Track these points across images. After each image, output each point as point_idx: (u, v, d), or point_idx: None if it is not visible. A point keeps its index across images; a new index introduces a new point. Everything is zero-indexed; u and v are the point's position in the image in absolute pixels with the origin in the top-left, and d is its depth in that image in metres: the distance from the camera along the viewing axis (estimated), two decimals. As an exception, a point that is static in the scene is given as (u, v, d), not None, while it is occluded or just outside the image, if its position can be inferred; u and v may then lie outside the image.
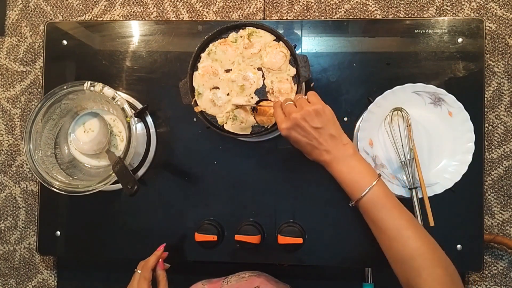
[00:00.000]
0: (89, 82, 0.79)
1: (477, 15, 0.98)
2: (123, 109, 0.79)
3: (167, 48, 0.91)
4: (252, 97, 0.79)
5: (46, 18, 1.08)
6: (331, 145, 0.65)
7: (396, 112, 0.83)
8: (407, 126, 0.82)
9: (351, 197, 0.65)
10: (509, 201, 0.96)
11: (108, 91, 0.79)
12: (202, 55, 0.80)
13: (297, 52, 0.85)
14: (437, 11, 0.99)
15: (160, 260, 0.78)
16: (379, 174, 0.65)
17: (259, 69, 0.79)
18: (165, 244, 0.80)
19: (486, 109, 0.96)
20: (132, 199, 0.89)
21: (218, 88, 0.79)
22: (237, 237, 0.84)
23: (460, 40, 0.86)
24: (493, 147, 0.97)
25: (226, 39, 0.80)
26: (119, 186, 0.88)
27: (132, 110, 0.81)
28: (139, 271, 0.76)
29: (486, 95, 0.96)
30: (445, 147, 0.83)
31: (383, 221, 0.61)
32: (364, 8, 1.01)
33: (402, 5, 1.00)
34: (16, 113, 1.07)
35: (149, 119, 0.90)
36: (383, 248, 0.63)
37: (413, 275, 0.58)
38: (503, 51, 0.97)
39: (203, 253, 0.87)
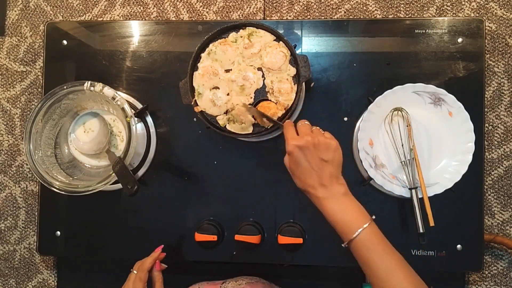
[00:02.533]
0: (89, 82, 0.79)
1: (477, 15, 0.98)
2: (123, 109, 0.79)
3: (167, 48, 0.91)
4: (252, 97, 0.79)
5: (46, 18, 1.08)
6: (328, 181, 0.65)
7: (396, 112, 0.83)
8: (407, 126, 0.82)
9: (343, 237, 0.64)
10: (509, 201, 0.96)
11: (108, 91, 0.79)
12: (202, 55, 0.80)
13: (297, 52, 0.85)
14: (437, 11, 0.99)
15: (156, 261, 0.77)
16: (372, 216, 0.65)
17: (259, 69, 0.79)
18: (162, 245, 0.80)
19: (486, 109, 0.96)
20: (132, 199, 0.89)
21: (218, 88, 0.79)
22: (237, 237, 0.84)
23: (460, 40, 0.86)
24: (493, 147, 0.97)
25: (226, 39, 0.80)
26: (119, 186, 0.88)
27: (132, 110, 0.81)
28: (135, 272, 0.75)
29: (486, 95, 0.96)
30: (445, 147, 0.83)
31: (374, 262, 0.61)
32: (364, 8, 1.01)
33: (402, 5, 1.00)
34: (16, 113, 1.07)
35: (149, 119, 0.90)
36: None
37: None
38: (503, 51, 0.97)
39: (203, 253, 0.87)
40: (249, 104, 0.78)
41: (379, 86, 0.85)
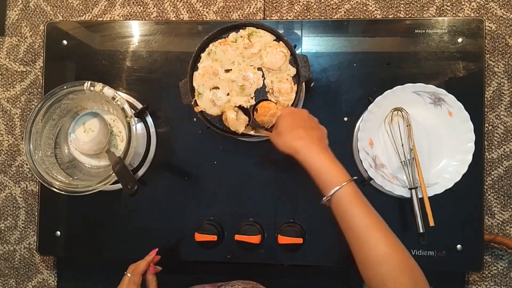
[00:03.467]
0: (89, 82, 0.79)
1: (477, 15, 0.98)
2: (123, 109, 0.79)
3: (167, 48, 0.91)
4: (252, 97, 0.79)
5: (46, 18, 1.08)
6: (315, 137, 0.69)
7: (396, 112, 0.83)
8: (407, 126, 0.82)
9: (324, 191, 0.64)
10: (509, 201, 0.96)
11: (108, 91, 0.79)
12: (202, 55, 0.80)
13: (297, 52, 0.85)
14: (437, 11, 0.99)
15: (151, 264, 0.77)
16: (354, 177, 0.65)
17: (259, 69, 0.79)
18: (157, 249, 0.80)
19: (486, 109, 0.96)
20: (132, 199, 0.89)
21: (218, 88, 0.79)
22: (237, 237, 0.84)
23: (460, 40, 0.86)
24: (493, 147, 0.97)
25: (226, 39, 0.80)
26: (119, 186, 0.88)
27: (132, 110, 0.81)
28: (128, 275, 0.75)
29: (486, 95, 0.96)
30: (445, 147, 0.83)
31: (354, 219, 0.61)
32: (364, 8, 1.01)
33: (402, 5, 1.00)
34: (16, 113, 1.07)
35: (149, 119, 0.90)
36: (352, 250, 0.62)
37: (378, 282, 0.58)
38: (503, 51, 0.97)
39: (203, 253, 0.87)
40: (251, 106, 0.78)
41: (379, 86, 0.85)
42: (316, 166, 0.65)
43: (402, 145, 0.81)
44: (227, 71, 0.79)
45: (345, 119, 0.87)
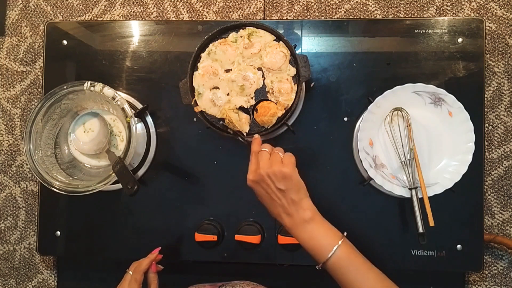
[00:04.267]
0: (89, 82, 0.79)
1: (477, 15, 0.98)
2: (123, 109, 0.79)
3: (167, 48, 0.91)
4: (252, 97, 0.79)
5: (46, 18, 1.08)
6: (293, 209, 0.66)
7: (396, 112, 0.83)
8: (407, 126, 0.82)
9: (316, 261, 0.65)
10: (509, 201, 0.96)
11: (108, 91, 0.79)
12: (202, 55, 0.80)
13: (297, 52, 0.85)
14: (437, 11, 0.99)
15: (153, 263, 0.77)
16: (343, 233, 0.65)
17: (259, 69, 0.79)
18: (160, 247, 0.80)
19: (486, 109, 0.96)
20: (132, 199, 0.89)
21: (218, 88, 0.79)
22: (237, 237, 0.84)
23: (460, 40, 0.86)
24: (493, 147, 0.96)
25: (226, 39, 0.80)
26: (119, 186, 0.88)
27: (132, 110, 0.81)
28: (130, 273, 0.75)
29: (486, 95, 0.96)
30: (445, 147, 0.83)
31: (351, 282, 0.62)
32: (364, 8, 1.01)
33: (402, 5, 1.00)
34: (16, 113, 1.07)
35: (149, 119, 0.90)
36: None
37: None
38: (503, 51, 0.97)
39: (203, 253, 0.87)
40: (251, 106, 0.78)
41: (379, 86, 0.85)
42: (305, 240, 0.66)
43: (402, 145, 0.81)
44: (227, 71, 0.79)
45: (345, 119, 0.87)
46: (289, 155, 0.69)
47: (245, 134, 0.78)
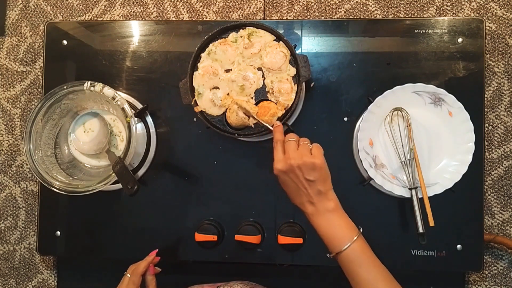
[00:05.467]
0: (89, 82, 0.79)
1: (477, 15, 0.98)
2: (123, 109, 0.79)
3: (167, 48, 0.91)
4: (252, 97, 0.79)
5: (46, 18, 1.08)
6: (316, 199, 0.66)
7: (396, 112, 0.83)
8: (407, 126, 0.82)
9: (330, 250, 0.66)
10: (509, 201, 0.96)
11: (108, 91, 0.79)
12: (202, 55, 0.80)
13: (297, 52, 0.85)
14: (437, 11, 0.99)
15: (150, 265, 0.77)
16: (359, 228, 0.66)
17: (259, 69, 0.79)
18: (157, 250, 0.80)
19: (486, 109, 0.96)
20: (132, 199, 0.89)
21: (218, 88, 0.79)
22: (237, 237, 0.84)
23: (460, 40, 0.86)
24: (493, 147, 0.96)
25: (226, 39, 0.80)
26: (119, 186, 0.88)
27: (132, 110, 0.81)
28: (128, 275, 0.75)
29: (486, 95, 0.96)
30: (445, 147, 0.83)
31: (358, 276, 0.63)
32: (364, 8, 1.01)
33: (402, 5, 1.00)
34: (16, 113, 1.07)
35: (149, 119, 0.90)
36: None
37: None
38: (503, 51, 0.97)
39: (203, 253, 0.87)
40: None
41: (379, 86, 0.85)
42: (324, 228, 0.66)
43: (402, 145, 0.81)
44: (227, 71, 0.79)
45: (345, 119, 0.87)
46: (318, 146, 0.69)
47: (258, 119, 0.76)
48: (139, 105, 0.90)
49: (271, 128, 0.73)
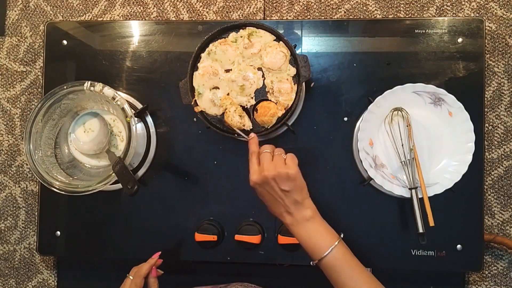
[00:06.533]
0: (89, 82, 0.79)
1: (477, 15, 0.98)
2: (123, 109, 0.79)
3: (167, 48, 0.91)
4: (252, 97, 0.79)
5: (46, 18, 1.08)
6: (294, 208, 0.67)
7: (396, 112, 0.83)
8: (407, 126, 0.82)
9: (311, 258, 0.67)
10: (509, 201, 0.96)
11: (108, 91, 0.79)
12: (202, 55, 0.80)
13: (297, 52, 0.85)
14: (437, 11, 0.99)
15: (153, 267, 0.77)
16: (341, 234, 0.67)
17: (259, 69, 0.79)
18: (160, 252, 0.80)
19: (486, 109, 0.96)
20: (132, 199, 0.89)
21: (218, 88, 0.79)
22: (237, 237, 0.84)
23: (460, 40, 0.86)
24: (493, 147, 0.96)
25: (226, 39, 0.80)
26: (119, 186, 0.88)
27: (132, 110, 0.81)
28: (131, 277, 0.75)
29: (486, 95, 0.96)
30: (445, 147, 0.83)
31: (343, 282, 0.64)
32: (364, 8, 1.01)
33: (402, 5, 1.00)
34: (16, 113, 1.07)
35: (149, 119, 0.90)
36: None
37: None
38: (503, 51, 0.97)
39: (203, 253, 0.87)
40: (251, 106, 0.78)
41: (379, 86, 0.85)
42: (303, 237, 0.67)
43: (402, 145, 0.81)
44: (227, 71, 0.79)
45: (345, 119, 0.87)
46: (292, 156, 0.70)
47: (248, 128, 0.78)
48: (139, 105, 0.90)
49: (247, 139, 0.73)
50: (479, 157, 0.83)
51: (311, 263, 0.67)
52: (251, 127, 0.78)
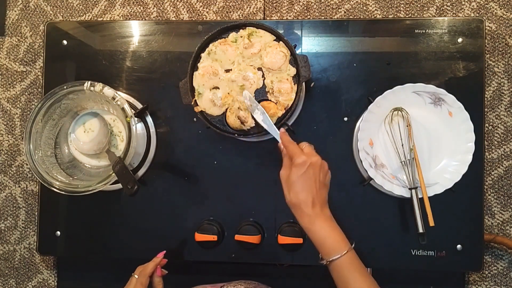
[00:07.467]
0: (89, 82, 0.79)
1: (477, 15, 0.98)
2: (123, 109, 0.79)
3: (167, 48, 0.91)
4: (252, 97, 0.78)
5: (46, 18, 1.08)
6: (321, 203, 0.68)
7: (396, 112, 0.83)
8: (407, 126, 0.82)
9: (324, 256, 0.67)
10: (509, 201, 0.96)
11: (108, 91, 0.79)
12: (202, 55, 0.80)
13: (297, 52, 0.85)
14: (437, 11, 0.99)
15: (158, 266, 0.78)
16: (352, 243, 0.67)
17: (259, 69, 0.79)
18: (165, 251, 0.80)
19: (486, 109, 0.96)
20: (132, 199, 0.89)
21: (218, 88, 0.79)
22: (237, 237, 0.84)
23: (460, 40, 0.86)
24: (493, 147, 0.97)
25: (226, 39, 0.80)
26: (119, 186, 0.88)
27: (132, 110, 0.81)
28: (136, 276, 0.75)
29: (486, 95, 0.96)
30: (445, 147, 0.83)
31: (351, 283, 0.65)
32: (364, 8, 1.01)
33: (402, 5, 1.00)
34: (16, 113, 1.07)
35: (149, 119, 0.90)
36: None
37: None
38: (503, 51, 0.97)
39: (203, 253, 0.87)
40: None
41: (379, 86, 0.85)
42: (318, 236, 0.67)
43: (402, 145, 0.81)
44: (227, 71, 0.79)
45: (345, 119, 0.87)
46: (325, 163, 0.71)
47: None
48: (139, 105, 0.90)
49: (278, 132, 0.73)
50: (479, 157, 0.83)
51: (321, 262, 0.67)
52: (254, 124, 0.78)
